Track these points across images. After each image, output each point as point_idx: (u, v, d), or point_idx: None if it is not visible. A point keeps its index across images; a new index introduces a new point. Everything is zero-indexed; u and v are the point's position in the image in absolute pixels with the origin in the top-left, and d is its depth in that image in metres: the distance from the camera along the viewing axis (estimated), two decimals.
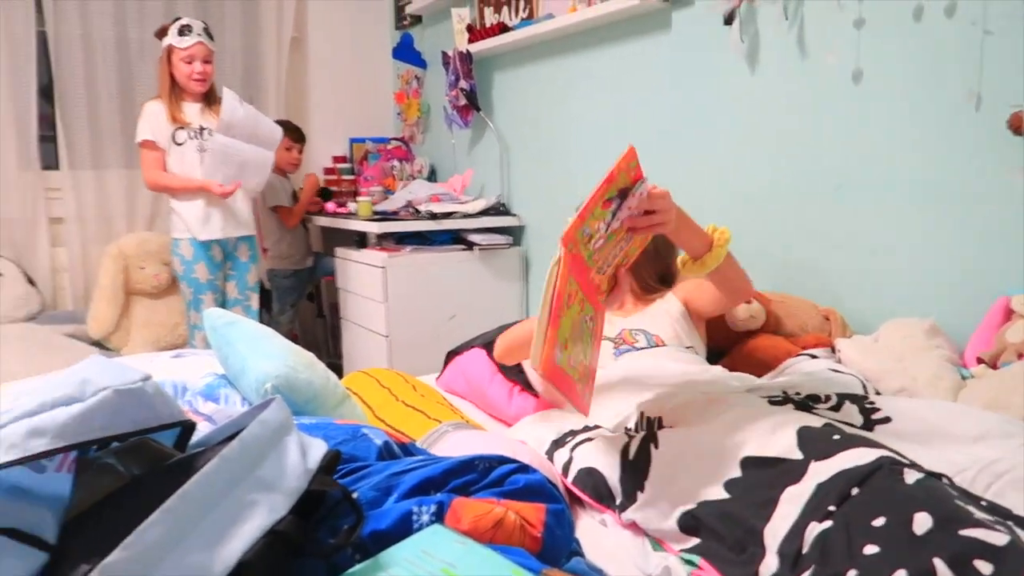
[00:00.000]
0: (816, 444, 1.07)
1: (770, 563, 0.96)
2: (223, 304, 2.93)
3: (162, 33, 2.77)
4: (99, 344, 3.14)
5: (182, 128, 2.76)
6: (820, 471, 1.00)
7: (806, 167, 2.00)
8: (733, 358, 1.85)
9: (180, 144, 2.76)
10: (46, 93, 3.31)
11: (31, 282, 3.20)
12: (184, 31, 2.71)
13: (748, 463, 1.11)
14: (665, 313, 1.74)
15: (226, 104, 2.71)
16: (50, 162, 3.35)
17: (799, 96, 2.00)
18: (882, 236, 1.84)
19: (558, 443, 1.39)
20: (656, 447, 1.22)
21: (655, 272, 1.85)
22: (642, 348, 1.67)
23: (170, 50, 2.74)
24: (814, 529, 0.93)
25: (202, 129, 2.78)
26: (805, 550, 0.93)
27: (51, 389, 0.74)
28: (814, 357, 1.68)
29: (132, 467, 0.81)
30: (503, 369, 1.87)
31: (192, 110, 2.80)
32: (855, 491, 0.94)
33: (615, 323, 1.77)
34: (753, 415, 1.20)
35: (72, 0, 3.25)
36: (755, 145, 2.14)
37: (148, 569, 0.61)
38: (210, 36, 2.79)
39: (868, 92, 1.82)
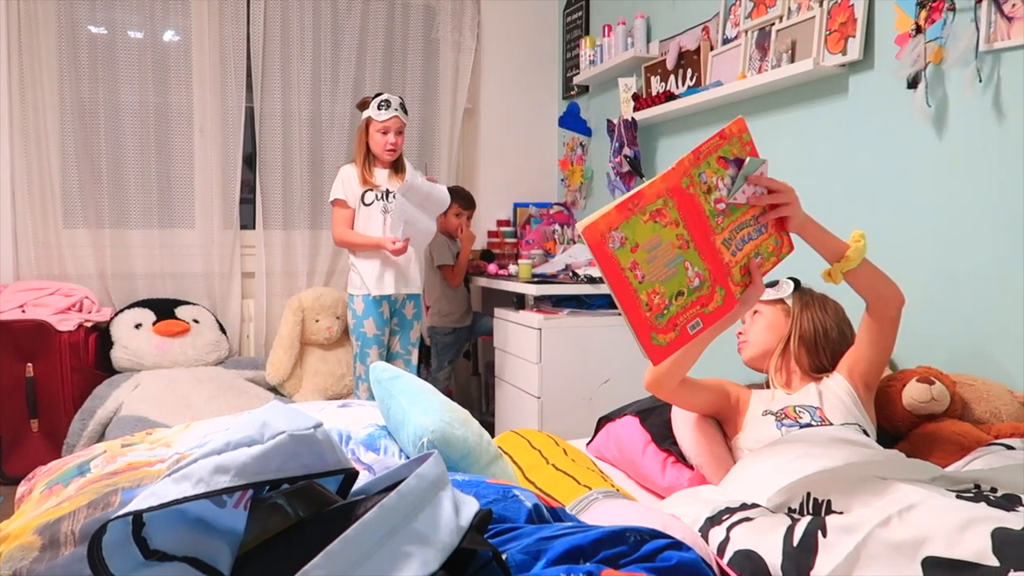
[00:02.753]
0: (1017, 549, 0.94)
1: None
2: (387, 357, 3.08)
3: (363, 105, 3.03)
4: (274, 390, 3.38)
5: (371, 190, 2.99)
6: None
7: (1004, 239, 1.83)
8: (911, 443, 1.69)
9: (368, 205, 2.99)
10: (249, 161, 3.69)
11: (222, 330, 3.52)
12: (383, 106, 2.95)
13: (931, 564, 0.99)
14: (831, 391, 1.66)
15: (410, 171, 2.97)
16: (247, 222, 3.71)
17: (995, 162, 1.84)
18: None
19: (713, 520, 1.32)
20: (824, 535, 1.12)
21: (830, 352, 1.76)
22: (807, 425, 1.57)
23: (368, 121, 2.98)
24: None
25: (387, 192, 3.00)
26: None
27: (236, 429, 0.80)
28: (1010, 448, 1.50)
29: (298, 509, 0.86)
30: (656, 440, 1.82)
31: (381, 175, 3.02)
32: None
33: (779, 399, 1.68)
34: (939, 508, 1.07)
35: (276, 79, 3.64)
36: (944, 215, 1.99)
37: None
38: (405, 111, 3.03)
39: None
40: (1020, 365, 1.78)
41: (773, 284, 1.85)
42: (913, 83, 2.01)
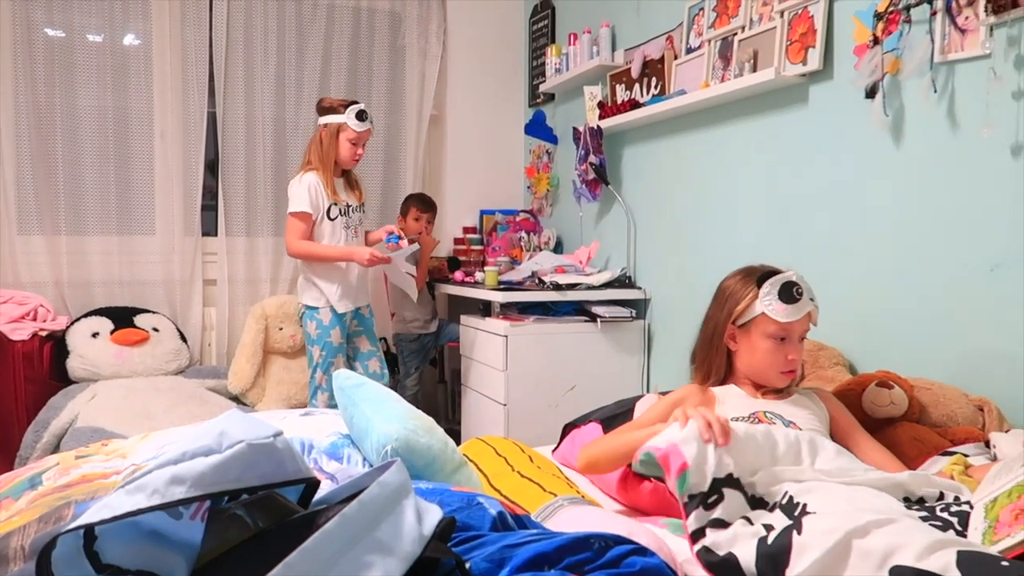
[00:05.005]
0: (979, 566, 0.96)
1: None
2: (357, 359, 3.07)
3: (327, 109, 2.88)
4: (236, 399, 3.32)
5: (335, 204, 2.89)
6: None
7: (958, 246, 1.87)
8: None
9: (333, 219, 2.89)
10: (211, 167, 3.64)
11: (183, 338, 3.46)
12: (362, 116, 2.85)
13: (899, 572, 1.01)
14: (806, 409, 1.64)
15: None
16: (209, 229, 3.65)
17: (950, 171, 1.89)
18: None
19: (700, 501, 1.32)
20: (799, 533, 1.14)
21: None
22: None
23: (341, 127, 2.85)
24: None
25: (349, 207, 2.93)
26: None
27: (193, 439, 0.79)
28: (965, 456, 1.53)
29: (259, 519, 0.84)
30: None
31: (339, 185, 2.94)
32: None
33: (748, 404, 1.67)
34: (913, 526, 1.10)
35: (239, 84, 3.59)
36: (901, 223, 2.03)
37: None
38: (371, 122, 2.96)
39: None
40: (975, 368, 1.82)
41: (791, 290, 1.60)
42: (871, 93, 2.05)
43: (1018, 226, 1.73)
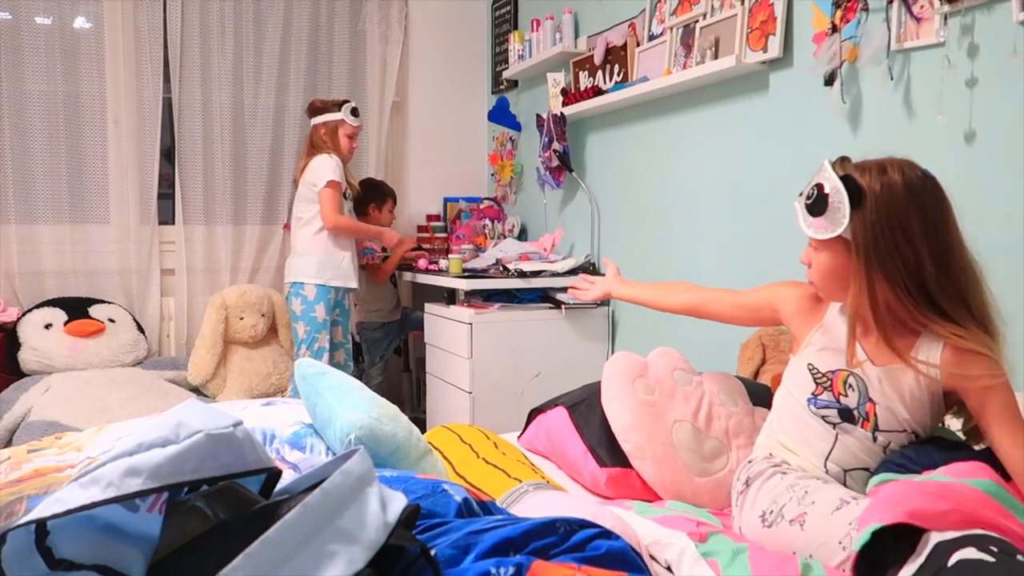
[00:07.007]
0: None
1: None
2: (332, 345, 3.17)
3: (320, 110, 3.16)
4: (197, 390, 3.27)
5: (348, 188, 3.19)
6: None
7: None
8: None
9: (347, 200, 3.18)
10: (167, 154, 3.55)
11: (141, 329, 3.38)
12: (355, 112, 3.18)
13: None
14: (904, 387, 1.27)
15: None
16: (166, 217, 3.57)
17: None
18: (999, 303, 1.72)
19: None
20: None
21: (939, 286, 1.24)
22: (845, 412, 1.32)
23: (340, 124, 3.14)
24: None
25: (349, 194, 3.21)
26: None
27: (149, 430, 0.77)
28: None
29: (219, 511, 0.82)
30: (581, 431, 1.81)
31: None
32: None
33: (837, 358, 1.33)
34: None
35: (195, 69, 3.50)
36: None
37: None
38: None
39: (982, 153, 1.74)
40: None
41: (818, 203, 1.27)
42: (829, 80, 2.08)
43: (970, 211, 1.77)
